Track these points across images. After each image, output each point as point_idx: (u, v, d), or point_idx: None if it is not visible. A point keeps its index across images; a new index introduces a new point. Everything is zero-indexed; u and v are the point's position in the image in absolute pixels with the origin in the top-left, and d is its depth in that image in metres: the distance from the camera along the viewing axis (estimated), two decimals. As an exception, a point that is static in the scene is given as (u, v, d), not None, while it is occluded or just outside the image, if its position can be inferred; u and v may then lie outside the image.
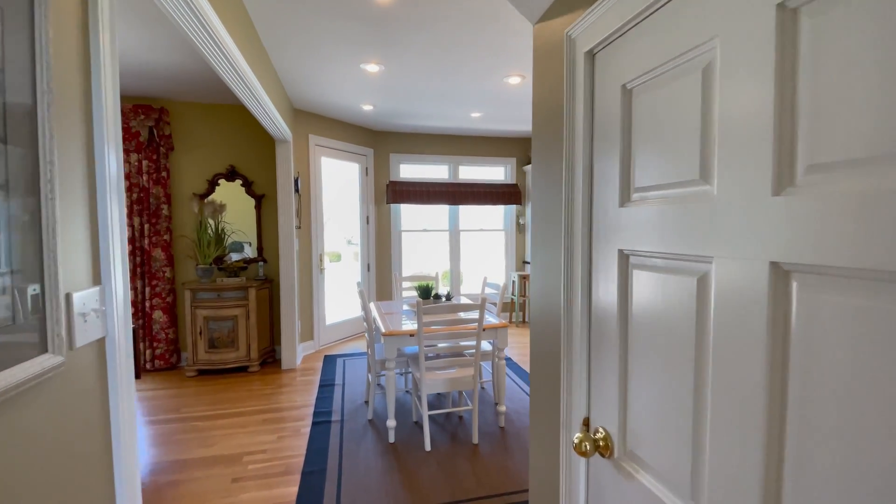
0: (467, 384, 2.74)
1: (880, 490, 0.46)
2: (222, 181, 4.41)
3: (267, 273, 4.56)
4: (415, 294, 4.20)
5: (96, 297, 0.92)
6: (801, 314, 0.55)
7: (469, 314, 3.11)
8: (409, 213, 5.89)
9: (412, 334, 2.74)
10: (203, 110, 4.36)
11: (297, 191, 4.33)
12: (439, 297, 3.34)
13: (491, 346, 3.20)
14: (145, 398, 3.59)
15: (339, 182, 5.21)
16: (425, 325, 2.59)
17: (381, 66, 3.36)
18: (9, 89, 0.68)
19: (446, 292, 3.38)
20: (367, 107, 4.47)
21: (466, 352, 2.98)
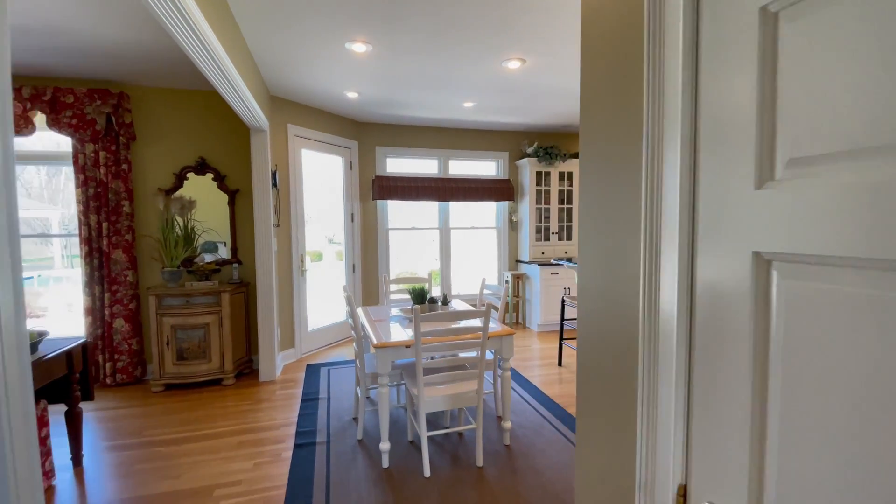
0: (470, 400, 2.44)
1: None
2: (191, 175, 4.00)
3: (242, 276, 4.17)
4: (405, 297, 3.88)
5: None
6: None
7: (470, 322, 2.81)
8: (396, 210, 5.55)
9: (408, 345, 2.42)
10: (169, 96, 3.94)
11: (274, 185, 3.95)
12: (435, 301, 3.03)
13: (491, 356, 2.91)
14: (104, 418, 3.18)
15: (322, 176, 4.84)
16: (424, 335, 2.28)
17: (368, 45, 3.02)
18: None
19: (442, 296, 3.07)
20: (352, 94, 4.12)
21: (469, 364, 2.68)
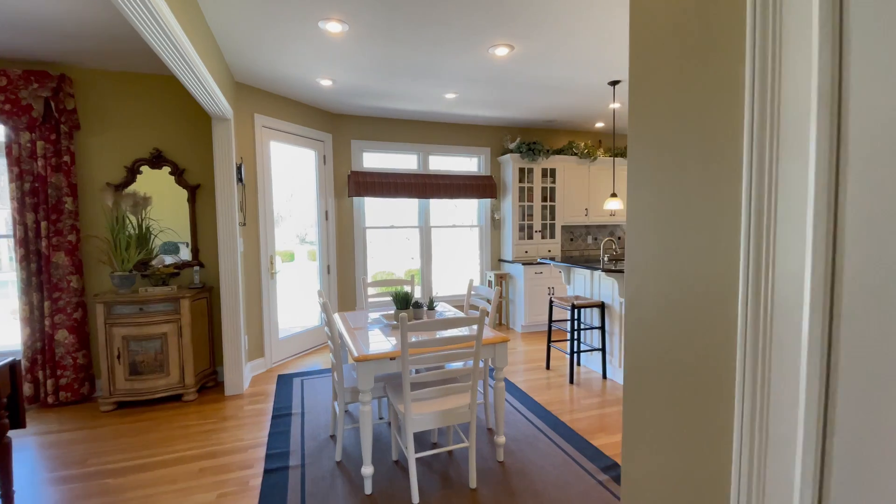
0: (462, 416, 2.21)
1: None
2: (145, 168, 3.60)
3: (205, 280, 3.80)
4: (384, 300, 3.61)
5: None
6: None
7: (461, 329, 2.57)
8: (374, 208, 5.26)
9: (393, 357, 2.17)
10: (119, 80, 3.53)
11: (240, 180, 3.61)
12: (420, 305, 2.78)
13: (481, 365, 2.69)
14: (43, 445, 2.79)
15: (293, 171, 4.50)
16: (411, 346, 2.03)
17: (344, 24, 2.74)
18: None
19: (428, 300, 2.83)
20: (326, 82, 3.81)
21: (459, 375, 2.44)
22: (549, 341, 4.05)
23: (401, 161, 5.34)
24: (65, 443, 2.82)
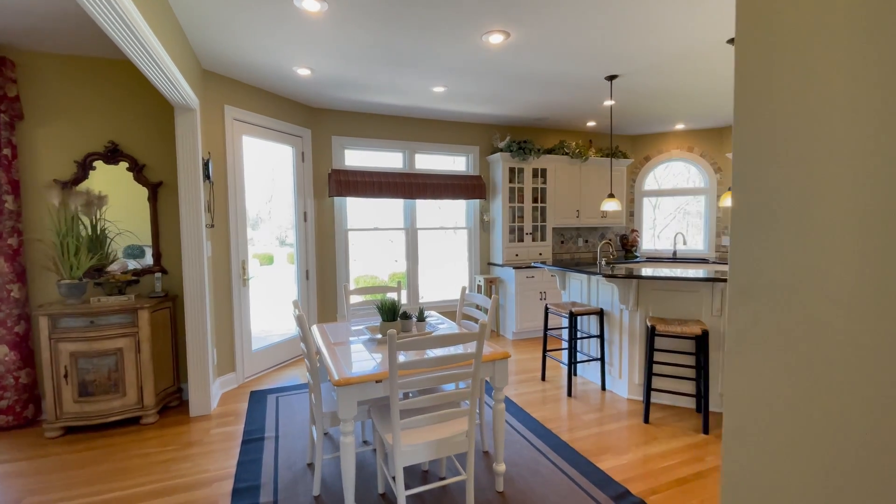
0: (460, 446, 1.93)
1: None
2: (99, 164, 3.23)
3: (168, 287, 3.44)
4: (367, 306, 3.31)
5: None
6: None
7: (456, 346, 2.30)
8: (356, 209, 4.95)
9: (379, 379, 1.88)
10: (69, 64, 3.15)
11: (207, 177, 3.26)
12: (409, 316, 2.50)
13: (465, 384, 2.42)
14: (-32, 482, 2.40)
15: (268, 169, 4.16)
16: (401, 367, 1.75)
17: (322, 1, 2.44)
18: None
19: (418, 310, 2.55)
20: (304, 71, 3.50)
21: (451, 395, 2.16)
22: (544, 351, 3.81)
23: (385, 159, 5.04)
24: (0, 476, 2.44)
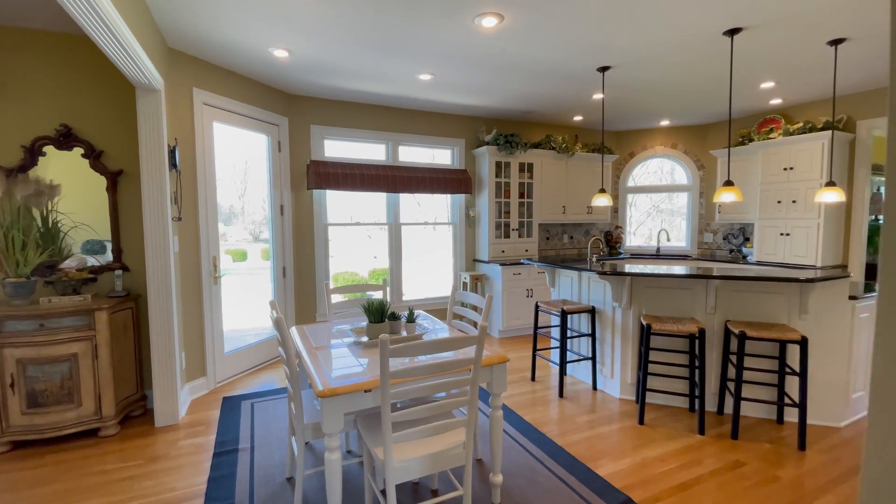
0: (457, 458, 1.77)
1: None
2: (50, 149, 2.91)
3: (129, 286, 3.15)
4: (352, 309, 3.10)
5: None
6: None
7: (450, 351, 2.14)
8: (336, 203, 4.72)
9: (368, 389, 1.70)
10: (15, 38, 2.82)
11: (174, 166, 2.99)
12: (397, 317, 2.32)
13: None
14: None
15: (242, 158, 3.90)
16: (394, 375, 1.57)
17: (303, -27, 2.22)
18: None
19: (408, 311, 2.37)
20: (281, 52, 3.25)
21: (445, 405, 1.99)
22: (534, 350, 3.69)
23: (367, 151, 4.82)
24: (-72, 504, 2.15)
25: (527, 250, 5.38)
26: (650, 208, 6.39)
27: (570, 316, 3.80)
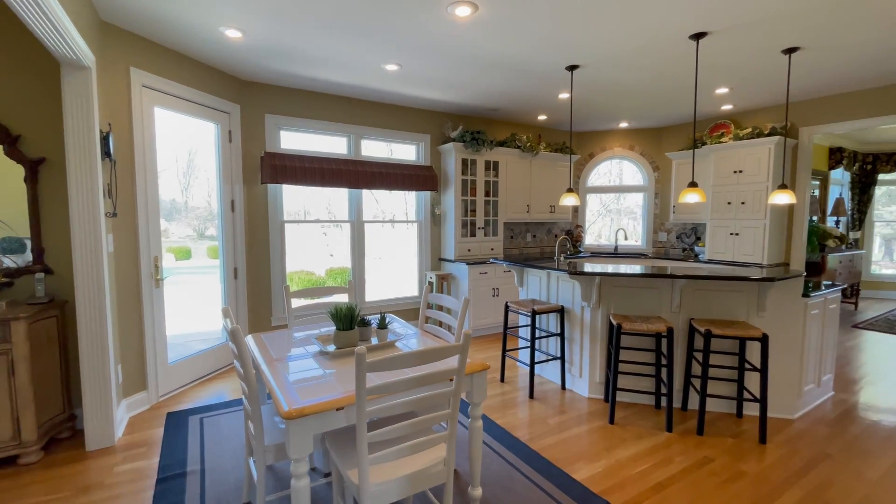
0: (438, 477, 1.64)
1: None
2: (-49, 132, 2.48)
3: (54, 291, 2.77)
4: (315, 313, 2.90)
5: None
6: None
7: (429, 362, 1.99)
8: (293, 198, 4.43)
9: (340, 407, 1.53)
10: None
11: (107, 154, 2.65)
12: (367, 323, 2.16)
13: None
14: None
15: (186, 148, 3.55)
16: (371, 392, 1.42)
17: (262, -58, 1.99)
18: None
19: (380, 316, 2.21)
20: (233, 32, 2.97)
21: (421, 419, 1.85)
22: (503, 351, 3.63)
23: (328, 144, 4.56)
24: None
25: (492, 249, 5.33)
26: (600, 208, 6.57)
27: (538, 316, 3.77)
